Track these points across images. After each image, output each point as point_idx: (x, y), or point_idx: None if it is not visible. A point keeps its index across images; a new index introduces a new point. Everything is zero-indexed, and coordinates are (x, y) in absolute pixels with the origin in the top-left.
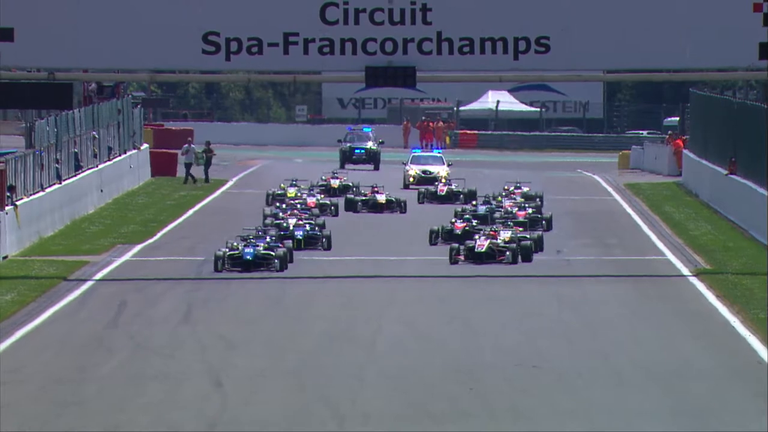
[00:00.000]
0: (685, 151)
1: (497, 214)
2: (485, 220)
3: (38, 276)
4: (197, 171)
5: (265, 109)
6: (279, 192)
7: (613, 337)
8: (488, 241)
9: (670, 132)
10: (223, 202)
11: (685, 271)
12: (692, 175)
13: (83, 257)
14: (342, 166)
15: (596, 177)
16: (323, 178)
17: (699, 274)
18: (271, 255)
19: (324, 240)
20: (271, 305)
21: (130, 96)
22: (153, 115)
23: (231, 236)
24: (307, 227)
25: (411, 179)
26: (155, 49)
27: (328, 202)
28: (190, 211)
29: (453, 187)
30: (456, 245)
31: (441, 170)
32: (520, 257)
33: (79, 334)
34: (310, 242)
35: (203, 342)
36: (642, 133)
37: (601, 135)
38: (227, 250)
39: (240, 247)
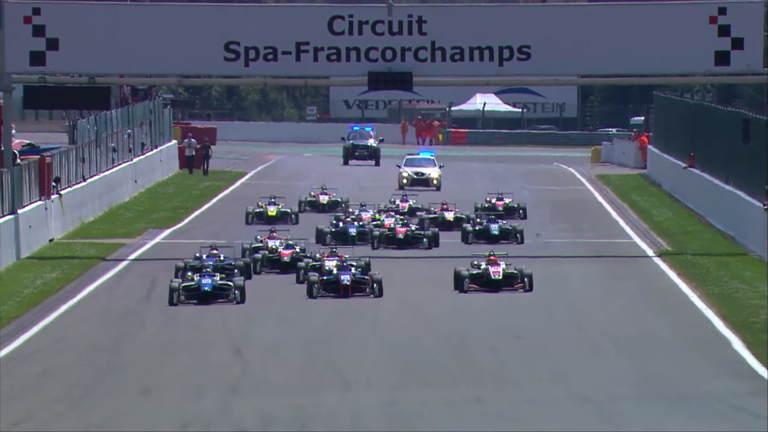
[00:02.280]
0: (650, 147)
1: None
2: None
3: (80, 256)
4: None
5: (279, 110)
6: (258, 210)
7: (588, 311)
8: (501, 267)
9: (636, 130)
10: (243, 192)
11: (649, 252)
12: (656, 168)
13: (119, 240)
14: (345, 162)
15: (571, 169)
16: (312, 193)
17: (662, 255)
18: (230, 285)
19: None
20: (286, 285)
21: (160, 98)
22: (181, 115)
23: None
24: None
25: (405, 180)
26: (183, 56)
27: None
28: (214, 200)
29: (413, 228)
30: (465, 272)
31: (433, 172)
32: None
33: (116, 307)
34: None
35: (225, 315)
36: (611, 131)
37: (575, 132)
38: (181, 281)
39: (196, 278)
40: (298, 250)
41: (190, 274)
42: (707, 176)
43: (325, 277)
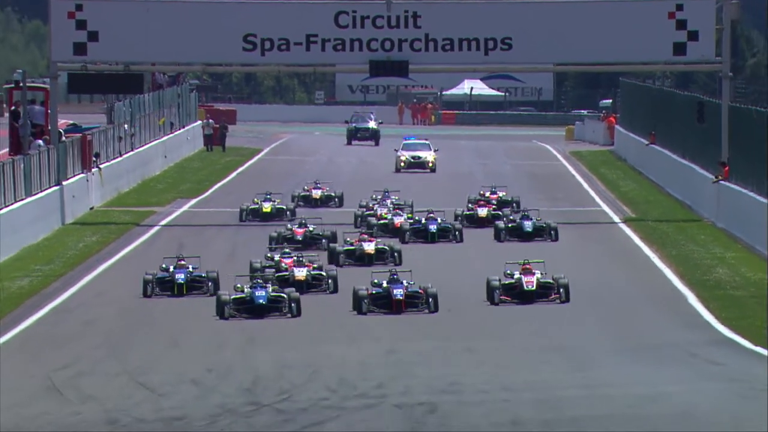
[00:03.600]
0: (617, 126)
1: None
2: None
3: (117, 222)
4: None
5: (291, 94)
6: (253, 206)
7: (560, 269)
8: (535, 277)
9: (604, 111)
10: (260, 166)
11: (615, 218)
12: (622, 145)
13: (151, 208)
14: (349, 143)
15: (547, 146)
16: (305, 188)
17: (626, 221)
18: (283, 297)
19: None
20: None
21: (187, 83)
22: (204, 98)
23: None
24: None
25: (402, 164)
26: (207, 47)
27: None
28: (234, 173)
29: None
30: (497, 282)
31: (429, 155)
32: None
33: (148, 267)
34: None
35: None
36: (583, 112)
37: (551, 113)
38: (230, 294)
39: (247, 290)
40: (314, 267)
41: (239, 285)
42: (666, 152)
43: (374, 291)
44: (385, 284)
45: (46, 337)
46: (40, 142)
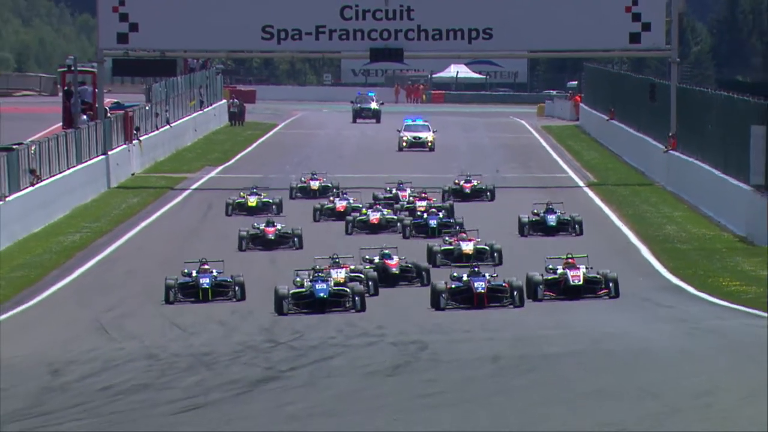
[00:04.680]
0: (581, 104)
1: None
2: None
3: (154, 186)
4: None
5: (302, 76)
6: (239, 200)
7: (509, 223)
8: (581, 271)
9: (570, 91)
10: (276, 139)
11: (580, 183)
12: (586, 120)
13: (184, 174)
14: (354, 120)
15: (522, 121)
16: (303, 179)
17: (589, 185)
18: (346, 291)
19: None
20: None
21: (214, 67)
22: (229, 80)
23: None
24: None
25: (404, 143)
26: (230, 36)
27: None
28: (254, 144)
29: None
30: (539, 278)
31: (428, 136)
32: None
33: (181, 225)
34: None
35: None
36: (552, 92)
37: (525, 93)
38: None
39: (307, 284)
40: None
41: (298, 279)
42: (623, 126)
43: (454, 285)
44: (465, 277)
45: (94, 284)
46: (85, 117)
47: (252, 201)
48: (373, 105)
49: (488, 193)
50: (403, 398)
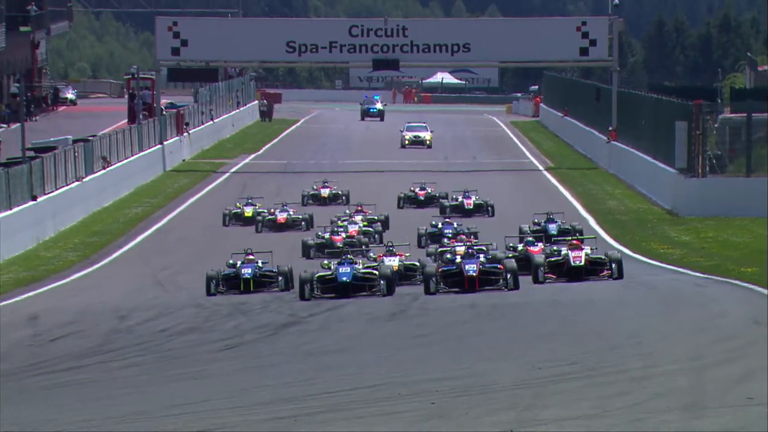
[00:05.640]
0: (541, 104)
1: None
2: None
3: (200, 170)
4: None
5: (319, 81)
6: (236, 210)
7: (501, 201)
8: (583, 252)
9: (532, 94)
10: (298, 131)
11: (540, 167)
12: (545, 117)
13: (224, 160)
14: (362, 119)
15: (494, 118)
16: (314, 187)
17: (548, 169)
18: (374, 275)
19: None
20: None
21: (248, 75)
22: (259, 85)
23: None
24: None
25: (406, 142)
26: (261, 50)
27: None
28: (280, 136)
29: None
30: (541, 259)
31: (426, 135)
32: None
33: (222, 201)
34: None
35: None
36: (518, 95)
37: (496, 95)
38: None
39: (333, 266)
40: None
41: (326, 262)
42: (575, 122)
43: (444, 268)
44: (458, 259)
45: (152, 247)
46: (141, 116)
47: (248, 211)
48: (378, 106)
49: (489, 209)
50: (399, 338)
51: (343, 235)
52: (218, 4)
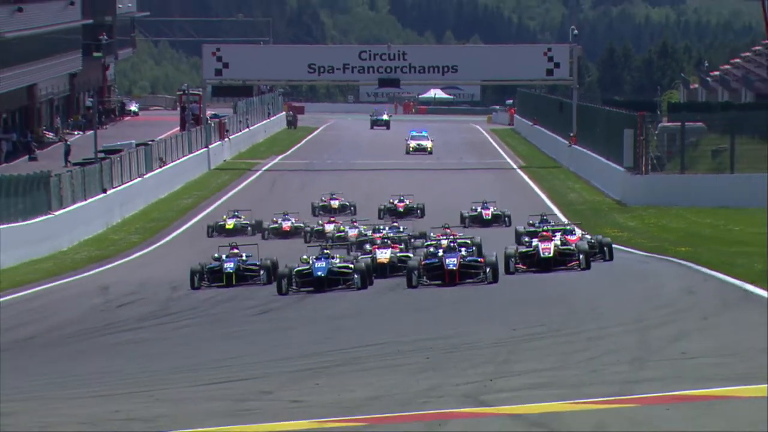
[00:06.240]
0: (516, 115)
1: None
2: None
3: (238, 168)
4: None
5: (334, 96)
6: (220, 223)
7: (482, 193)
8: (552, 244)
9: (508, 106)
10: (318, 137)
11: (514, 166)
12: (519, 126)
13: (258, 160)
14: (371, 127)
15: (477, 126)
16: (323, 198)
17: (521, 167)
18: (350, 269)
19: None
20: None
21: (276, 91)
22: (286, 99)
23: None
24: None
25: (411, 149)
26: (288, 71)
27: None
28: (304, 141)
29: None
30: (512, 251)
31: (428, 143)
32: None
33: (257, 192)
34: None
35: (312, 197)
36: (497, 107)
37: (479, 108)
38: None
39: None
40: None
41: (305, 257)
42: (543, 129)
43: (427, 261)
44: (441, 253)
45: (200, 231)
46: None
47: (230, 224)
48: (385, 116)
49: (506, 219)
50: (399, 308)
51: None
52: (253, 33)
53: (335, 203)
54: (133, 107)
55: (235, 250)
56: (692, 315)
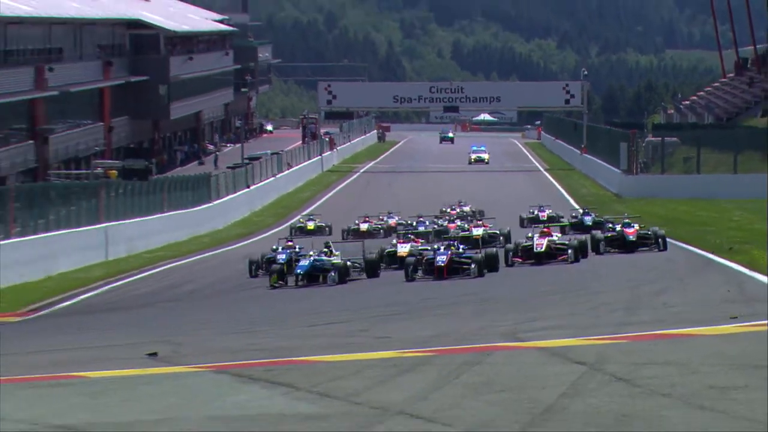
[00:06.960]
0: (542, 132)
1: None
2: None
3: (343, 170)
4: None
5: (411, 118)
6: (300, 225)
7: (509, 189)
8: (546, 239)
9: (537, 125)
10: (400, 148)
11: (542, 169)
12: (545, 141)
13: (357, 164)
14: (440, 142)
15: (514, 140)
16: (356, 222)
17: (547, 170)
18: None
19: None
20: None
21: (371, 115)
22: (377, 121)
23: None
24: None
25: (472, 160)
26: (378, 100)
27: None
28: (389, 151)
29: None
30: (511, 245)
31: (486, 156)
32: (580, 255)
33: (356, 188)
34: None
35: (390, 189)
36: (528, 126)
37: (516, 127)
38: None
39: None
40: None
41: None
42: (563, 143)
43: (427, 257)
44: (439, 247)
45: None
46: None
47: (310, 225)
48: (450, 134)
49: (560, 220)
50: (413, 302)
51: (458, 222)
52: (354, 74)
53: (365, 226)
54: (269, 127)
55: (290, 243)
56: (671, 276)
